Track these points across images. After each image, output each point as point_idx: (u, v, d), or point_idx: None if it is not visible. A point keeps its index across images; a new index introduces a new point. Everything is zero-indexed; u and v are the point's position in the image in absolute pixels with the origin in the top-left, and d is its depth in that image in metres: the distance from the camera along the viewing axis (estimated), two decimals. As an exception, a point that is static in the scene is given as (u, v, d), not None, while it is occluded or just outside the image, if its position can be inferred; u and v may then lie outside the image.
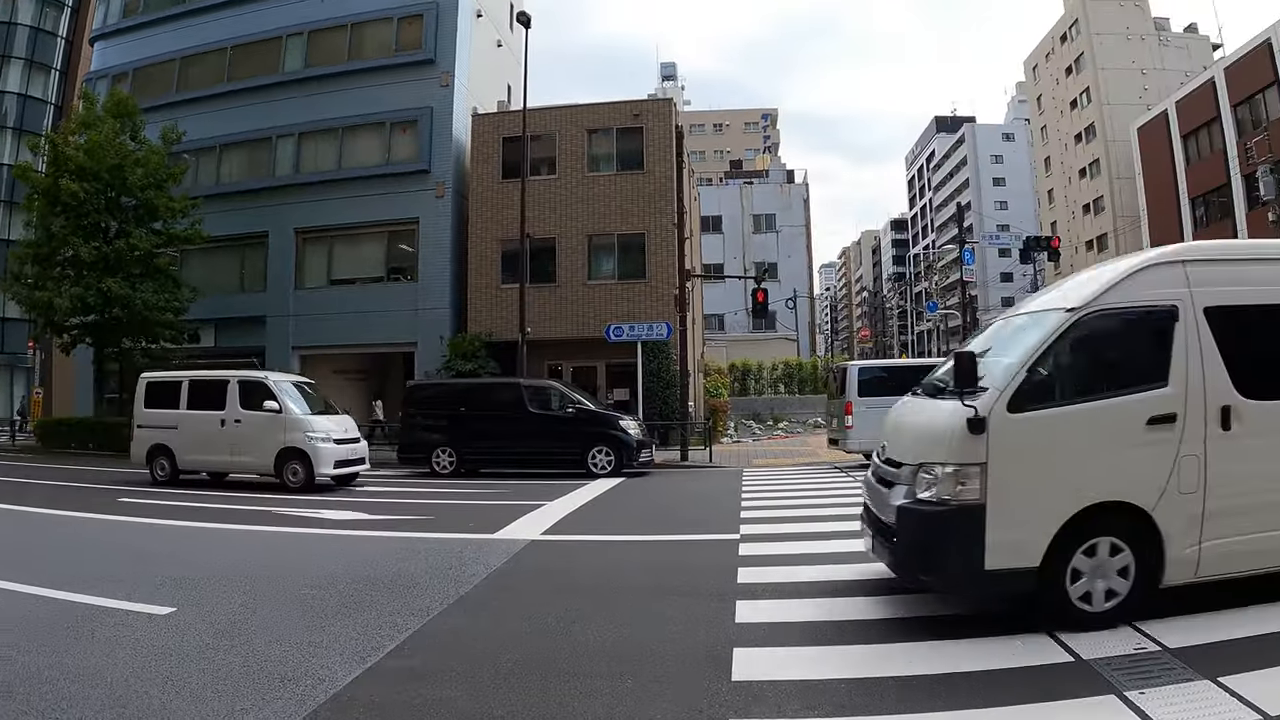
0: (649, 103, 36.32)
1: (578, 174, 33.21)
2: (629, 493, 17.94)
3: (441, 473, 21.83)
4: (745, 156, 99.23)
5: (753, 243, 71.16)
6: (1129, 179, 72.82)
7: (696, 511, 14.99)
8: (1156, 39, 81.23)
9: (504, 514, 14.18)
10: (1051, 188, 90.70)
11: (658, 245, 31.78)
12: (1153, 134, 68.08)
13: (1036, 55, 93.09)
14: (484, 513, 14.81)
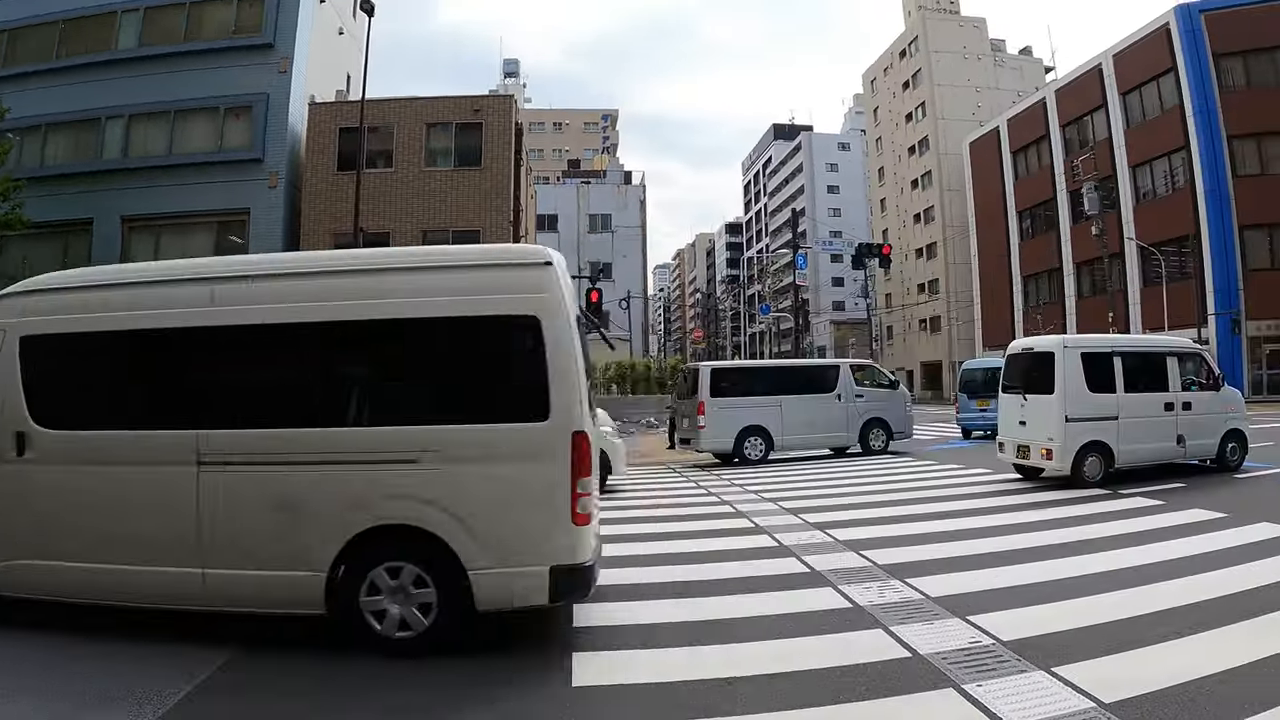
0: (490, 99, 35.82)
1: (415, 168, 32.17)
2: None
3: None
4: (584, 156, 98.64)
5: (588, 242, 70.03)
6: (959, 191, 74.66)
7: None
8: (992, 59, 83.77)
9: None
10: (884, 197, 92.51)
11: (493, 242, 30.32)
12: (984, 149, 70.19)
13: (875, 69, 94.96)
14: None
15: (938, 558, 9.26)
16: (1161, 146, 50.56)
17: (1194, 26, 47.87)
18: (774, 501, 14.15)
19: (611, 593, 7.92)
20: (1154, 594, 7.50)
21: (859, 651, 6.12)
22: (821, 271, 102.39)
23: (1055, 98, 61.39)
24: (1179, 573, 8.26)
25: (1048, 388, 14.82)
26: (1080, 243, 55.08)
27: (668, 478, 19.52)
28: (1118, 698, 5.09)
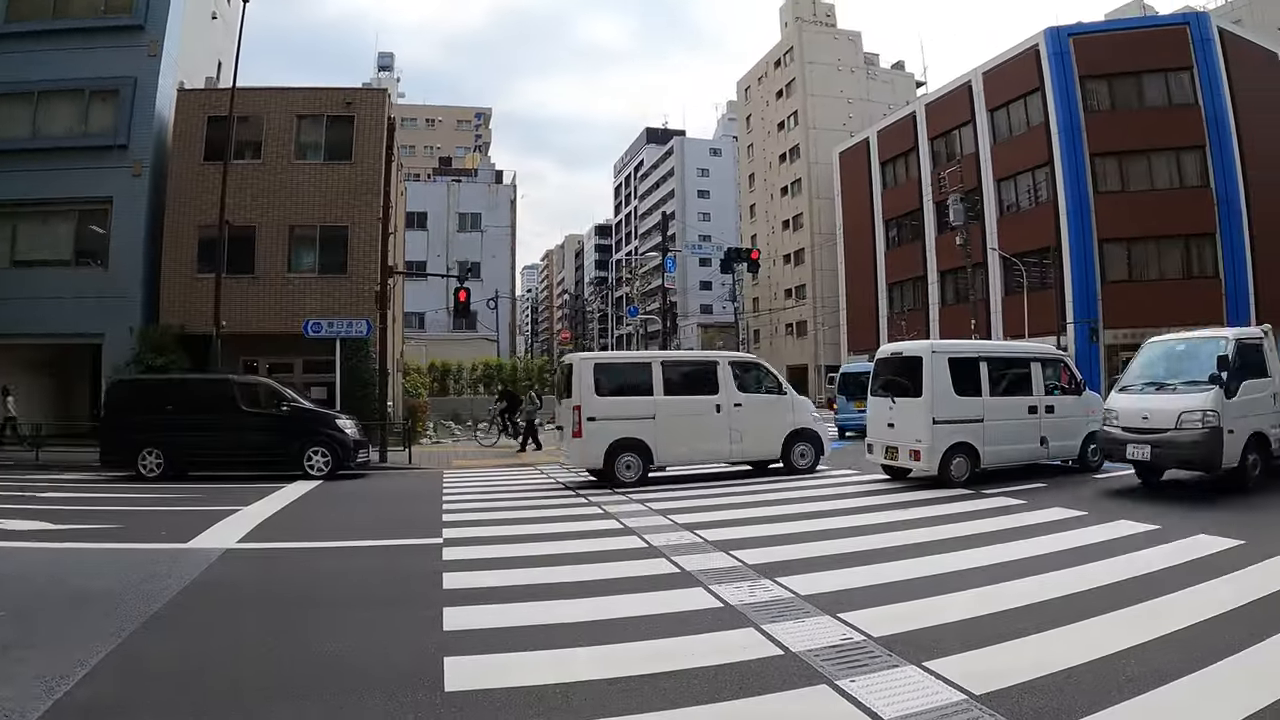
0: (363, 91, 34.82)
1: (284, 160, 30.75)
2: (328, 496, 16.91)
3: (149, 475, 19.91)
4: (456, 154, 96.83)
5: (457, 241, 69.28)
6: (828, 199, 75.72)
7: (397, 515, 14.32)
8: (865, 72, 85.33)
9: (199, 520, 13.02)
10: (754, 203, 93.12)
11: (361, 240, 29.93)
12: (854, 159, 71.22)
13: (750, 77, 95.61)
14: (178, 519, 13.53)
15: (807, 557, 9.31)
16: (1026, 162, 52.01)
17: (1062, 49, 49.45)
18: (642, 503, 14.09)
19: (482, 596, 7.92)
20: (1020, 589, 7.72)
21: (732, 650, 6.13)
22: (690, 275, 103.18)
23: (925, 112, 62.48)
24: (1043, 568, 8.53)
25: (916, 391, 15.31)
26: (945, 252, 56.24)
27: (537, 480, 19.23)
28: (988, 689, 5.20)
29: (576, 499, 15.17)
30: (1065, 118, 48.43)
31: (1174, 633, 6.31)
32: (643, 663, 5.90)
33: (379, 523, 13.23)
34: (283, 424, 20.32)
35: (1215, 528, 10.26)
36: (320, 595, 8.34)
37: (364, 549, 10.84)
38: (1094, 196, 47.18)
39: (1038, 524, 11.12)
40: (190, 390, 21.49)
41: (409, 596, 8.17)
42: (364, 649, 6.47)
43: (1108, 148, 47.37)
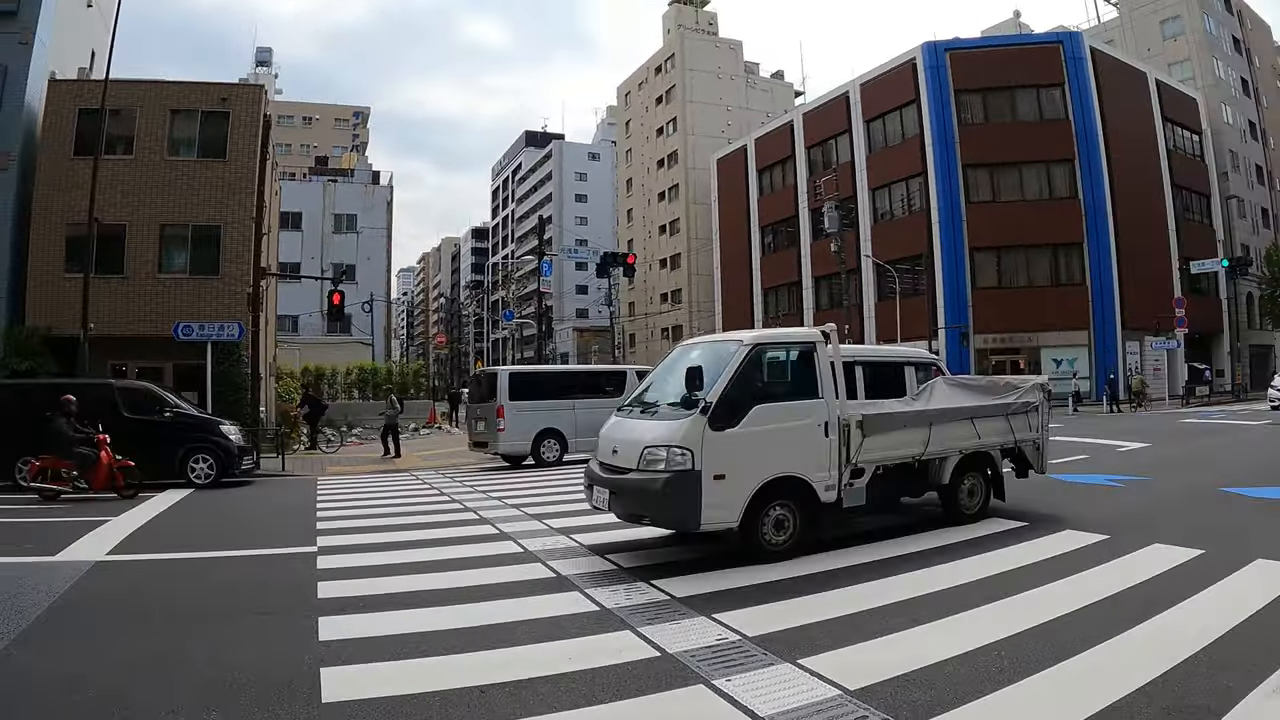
0: (239, 87, 33.51)
1: (156, 156, 29.38)
2: (198, 505, 16.37)
3: (24, 485, 18.44)
4: (332, 154, 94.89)
5: (332, 243, 68.34)
6: (705, 205, 76.06)
7: (270, 524, 13.92)
8: (745, 80, 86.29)
9: (67, 531, 12.39)
10: (631, 207, 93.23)
11: (234, 240, 29.08)
12: (731, 166, 71.88)
13: (631, 83, 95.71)
14: (45, 530, 12.88)
15: (682, 560, 9.26)
16: (901, 172, 53.16)
17: (939, 63, 50.56)
18: (518, 508, 13.93)
19: (358, 604, 7.76)
20: (894, 586, 7.81)
21: (609, 653, 6.12)
22: (567, 279, 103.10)
23: (803, 121, 63.36)
24: (917, 565, 8.63)
25: None
26: (819, 258, 56.79)
27: (411, 485, 18.92)
28: (862, 684, 5.24)
29: (452, 504, 14.91)
30: (939, 130, 49.61)
31: (1043, 624, 6.43)
32: (521, 668, 5.85)
33: (251, 532, 12.89)
34: (165, 430, 19.52)
35: (1081, 524, 10.44)
36: (193, 607, 8.06)
37: (236, 559, 10.48)
38: (966, 206, 48.60)
39: (911, 523, 11.16)
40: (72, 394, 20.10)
41: (283, 607, 7.95)
42: (239, 662, 6.21)
43: (980, 159, 48.77)
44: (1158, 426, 27.75)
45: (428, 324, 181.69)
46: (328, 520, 13.31)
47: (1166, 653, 5.64)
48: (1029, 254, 48.77)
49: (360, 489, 18.11)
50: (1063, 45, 50.39)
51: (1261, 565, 8.02)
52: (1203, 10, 64.47)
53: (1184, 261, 50.97)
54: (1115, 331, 47.16)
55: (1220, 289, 56.89)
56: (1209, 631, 6.05)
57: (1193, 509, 11.66)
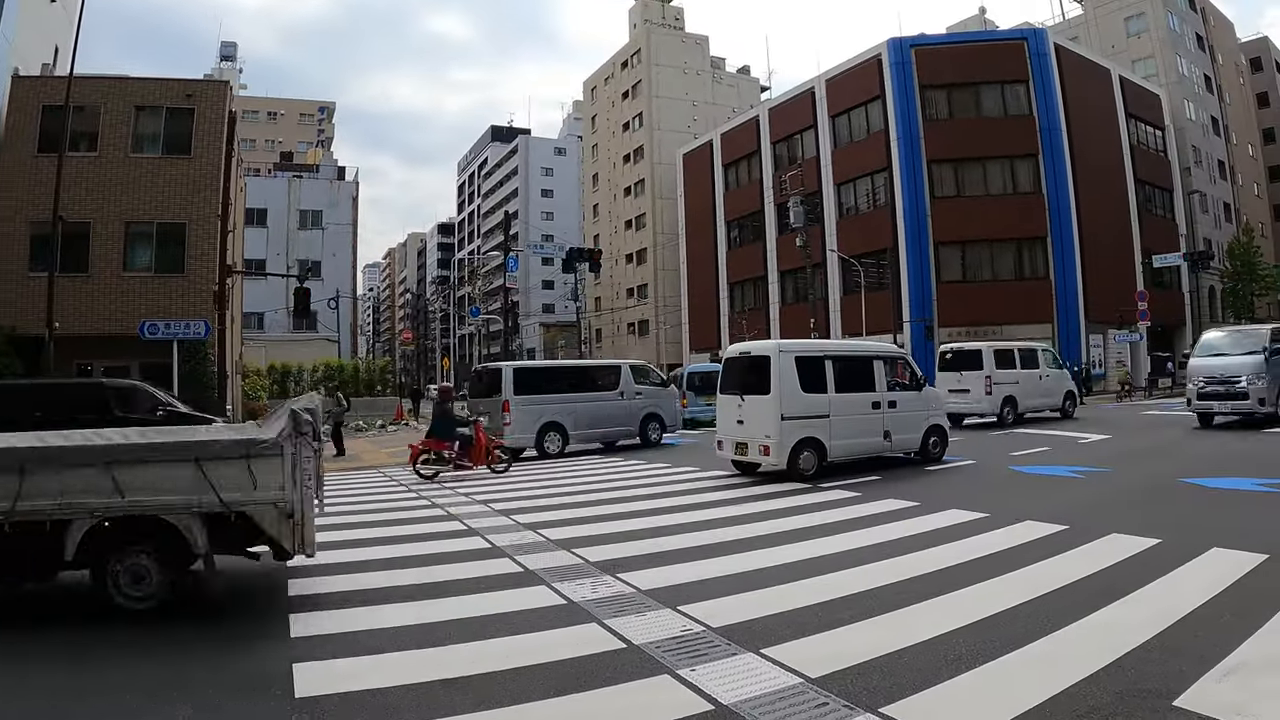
0: (204, 83, 33.31)
1: (121, 153, 29.03)
2: None
3: None
4: (297, 149, 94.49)
5: (298, 239, 67.58)
6: (671, 200, 76.15)
7: None
8: (711, 76, 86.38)
9: None
10: (598, 203, 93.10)
11: (199, 237, 28.76)
12: (697, 161, 71.93)
13: (597, 78, 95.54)
14: None
15: (647, 553, 9.32)
16: (866, 167, 53.44)
17: (904, 59, 50.84)
18: (485, 504, 13.91)
19: (328, 601, 7.81)
20: (853, 577, 7.90)
21: (576, 645, 6.19)
22: (533, 274, 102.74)
23: (768, 116, 63.46)
24: (876, 557, 8.73)
25: (764, 389, 15.60)
26: (785, 252, 56.94)
27: (378, 482, 18.84)
28: (823, 672, 5.35)
29: (419, 501, 14.86)
30: (904, 125, 49.98)
31: (1001, 613, 6.53)
32: (489, 661, 5.90)
33: None
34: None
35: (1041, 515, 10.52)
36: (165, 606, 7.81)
37: None
38: (930, 201, 48.98)
39: (872, 515, 11.33)
40: (63, 395, 19.88)
41: (254, 605, 8.00)
42: (210, 658, 6.25)
43: (945, 154, 49.19)
44: (1120, 418, 27.96)
45: (394, 320, 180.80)
46: (298, 517, 13.21)
47: (1122, 639, 5.73)
48: (993, 248, 49.19)
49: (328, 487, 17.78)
50: (1027, 42, 50.79)
51: (1216, 554, 8.13)
52: (1166, 8, 65.06)
53: (1147, 255, 51.64)
54: (1079, 325, 47.61)
55: (1183, 282, 57.49)
56: (1163, 618, 6.16)
57: (1152, 500, 11.79)
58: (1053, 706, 4.71)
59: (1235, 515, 10.30)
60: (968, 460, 17.43)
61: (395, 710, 5.11)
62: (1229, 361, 21.84)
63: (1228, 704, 4.62)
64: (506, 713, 5.01)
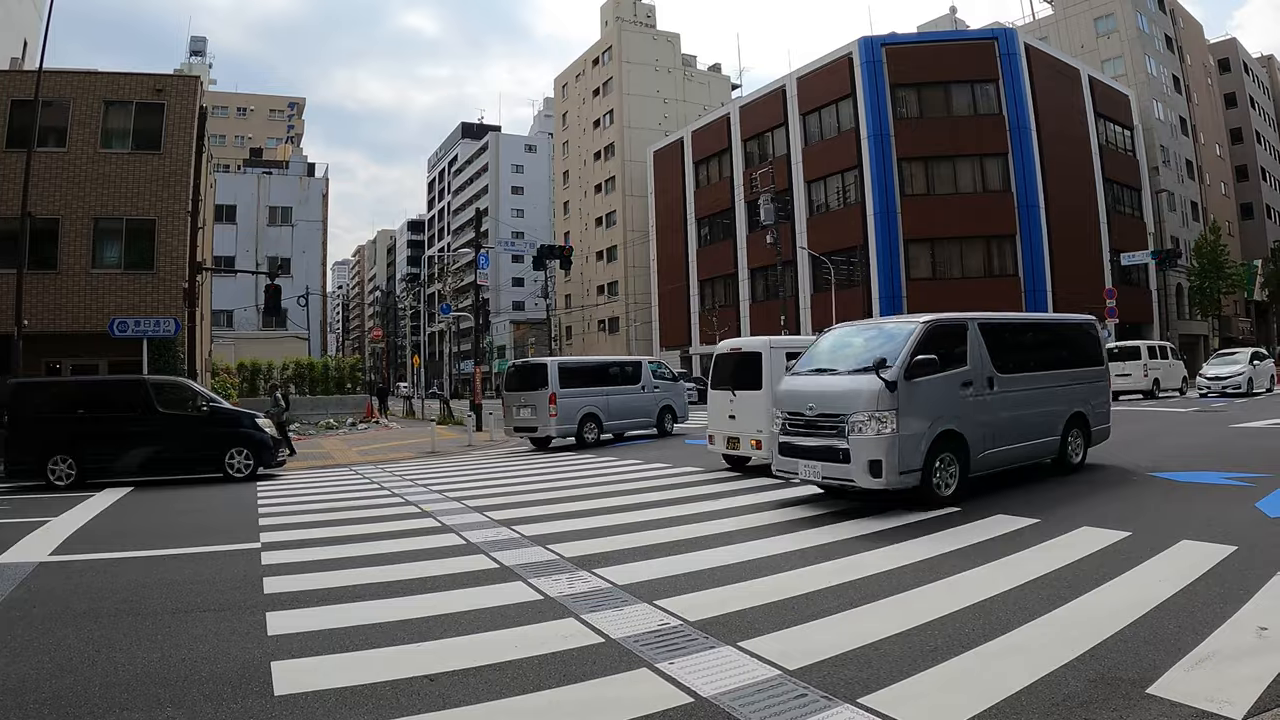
0: (174, 78, 32.66)
1: (90, 149, 28.65)
2: (139, 504, 16.04)
3: (59, 484, 18.52)
4: (267, 145, 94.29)
5: (267, 236, 67.96)
6: (641, 197, 76.19)
7: (212, 521, 13.59)
8: (682, 73, 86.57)
9: (7, 533, 12.23)
10: (568, 200, 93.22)
11: (169, 233, 28.20)
12: (668, 158, 72.02)
13: (568, 75, 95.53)
14: None
15: (622, 548, 9.35)
16: (836, 165, 53.68)
17: (875, 58, 51.08)
18: (460, 500, 13.92)
19: (305, 599, 7.77)
20: (830, 570, 7.96)
21: (555, 640, 6.21)
22: (503, 272, 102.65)
23: (739, 114, 63.69)
24: (850, 550, 8.80)
25: (756, 384, 15.75)
26: (755, 250, 57.22)
27: (351, 480, 18.74)
28: (801, 664, 5.39)
29: (393, 499, 14.82)
30: (875, 123, 50.21)
31: (975, 604, 6.61)
32: (469, 656, 5.92)
33: (193, 529, 12.68)
34: (204, 425, 19.61)
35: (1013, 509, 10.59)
36: (140, 606, 7.96)
37: (181, 557, 10.37)
38: (901, 199, 49.16)
39: (844, 509, 11.33)
40: (103, 392, 20.59)
41: (231, 603, 7.90)
42: (189, 658, 6.20)
43: (915, 153, 49.48)
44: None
45: (363, 317, 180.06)
46: (270, 516, 13.25)
47: (1094, 629, 5.81)
48: (963, 246, 49.56)
49: (300, 486, 17.96)
50: (997, 41, 51.14)
51: (1186, 546, 8.21)
52: (1135, 9, 65.71)
53: (1115, 253, 52.24)
54: (1048, 322, 47.93)
55: (1150, 280, 58.12)
56: (1135, 609, 6.24)
57: (1121, 493, 11.88)
58: (1028, 695, 4.74)
59: (1203, 507, 10.39)
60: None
61: (377, 707, 5.10)
62: (830, 386, 11.78)
63: (1199, 692, 4.67)
64: (488, 707, 5.02)
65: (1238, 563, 7.49)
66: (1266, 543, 8.18)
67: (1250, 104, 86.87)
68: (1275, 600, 6.39)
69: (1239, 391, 34.24)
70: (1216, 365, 37.18)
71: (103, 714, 5.16)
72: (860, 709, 4.69)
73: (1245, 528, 8.95)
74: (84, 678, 5.84)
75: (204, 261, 30.57)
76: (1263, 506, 10.14)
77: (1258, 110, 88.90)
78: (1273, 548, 7.93)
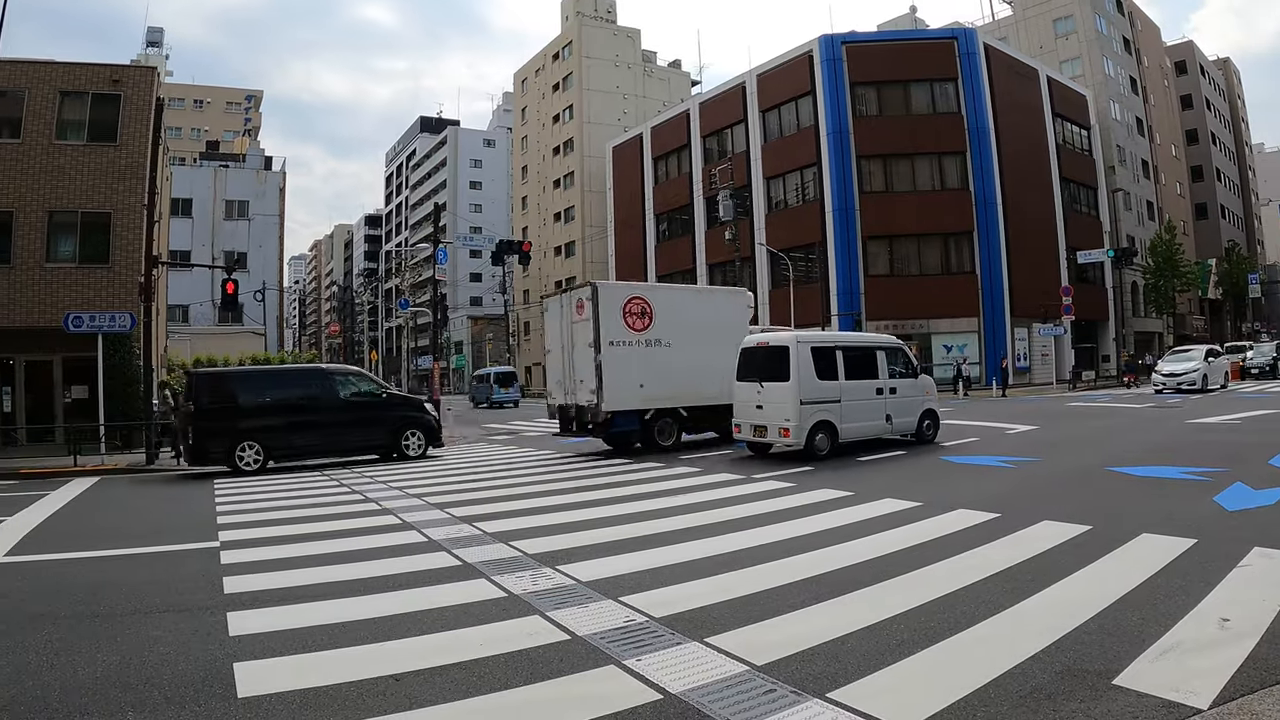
0: (131, 69, 31.67)
1: (45, 140, 28.15)
2: (100, 502, 16.01)
3: (247, 469, 19.43)
4: (224, 138, 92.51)
5: (223, 230, 65.92)
6: (600, 192, 76.28)
7: (169, 520, 13.46)
8: (643, 69, 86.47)
9: None
10: (527, 195, 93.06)
11: (125, 227, 28.01)
12: (627, 154, 71.93)
13: (527, 70, 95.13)
14: None
15: (584, 545, 9.35)
16: (795, 162, 53.80)
17: (835, 55, 51.23)
18: (419, 498, 13.84)
19: (266, 599, 7.68)
20: (796, 565, 7.96)
21: (520, 638, 6.18)
22: (461, 267, 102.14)
23: (699, 110, 63.59)
24: (815, 545, 8.83)
25: (783, 376, 16.88)
26: (714, 246, 57.43)
27: (311, 478, 18.44)
28: (769, 659, 5.39)
29: (353, 496, 14.73)
30: (834, 121, 50.41)
31: (940, 598, 6.65)
32: (434, 655, 5.87)
33: (151, 528, 12.53)
34: (383, 410, 21.56)
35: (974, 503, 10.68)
36: (99, 607, 7.83)
37: (139, 556, 10.24)
38: (859, 196, 49.33)
39: (809, 504, 11.42)
40: (288, 381, 22.09)
41: (191, 604, 7.78)
42: (150, 660, 6.08)
43: (874, 150, 49.79)
44: (1046, 409, 28.56)
45: (320, 313, 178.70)
46: (228, 514, 13.11)
47: (1059, 621, 5.86)
48: (921, 243, 49.89)
49: (257, 483, 17.74)
50: (957, 41, 51.48)
51: (1146, 539, 8.31)
52: (1094, 11, 66.41)
53: (1071, 251, 52.82)
54: (1004, 318, 48.45)
55: (1106, 278, 58.80)
56: (1098, 601, 6.31)
57: (1081, 487, 11.99)
58: (996, 688, 4.77)
59: (1162, 502, 10.51)
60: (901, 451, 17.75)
61: (342, 708, 5.05)
62: None
63: (1164, 682, 4.71)
64: (455, 707, 4.98)
65: (1198, 555, 7.60)
66: (1225, 536, 8.30)
67: (1206, 106, 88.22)
68: (1236, 592, 6.47)
69: (1194, 388, 34.97)
70: (1172, 362, 37.88)
71: (63, 719, 5.09)
72: (830, 704, 4.68)
73: (1205, 521, 9.09)
74: (43, 682, 5.75)
75: (160, 256, 29.92)
76: (1221, 500, 10.30)
77: (1213, 112, 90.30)
78: (1232, 541, 8.03)
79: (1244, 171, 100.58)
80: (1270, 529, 8.58)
